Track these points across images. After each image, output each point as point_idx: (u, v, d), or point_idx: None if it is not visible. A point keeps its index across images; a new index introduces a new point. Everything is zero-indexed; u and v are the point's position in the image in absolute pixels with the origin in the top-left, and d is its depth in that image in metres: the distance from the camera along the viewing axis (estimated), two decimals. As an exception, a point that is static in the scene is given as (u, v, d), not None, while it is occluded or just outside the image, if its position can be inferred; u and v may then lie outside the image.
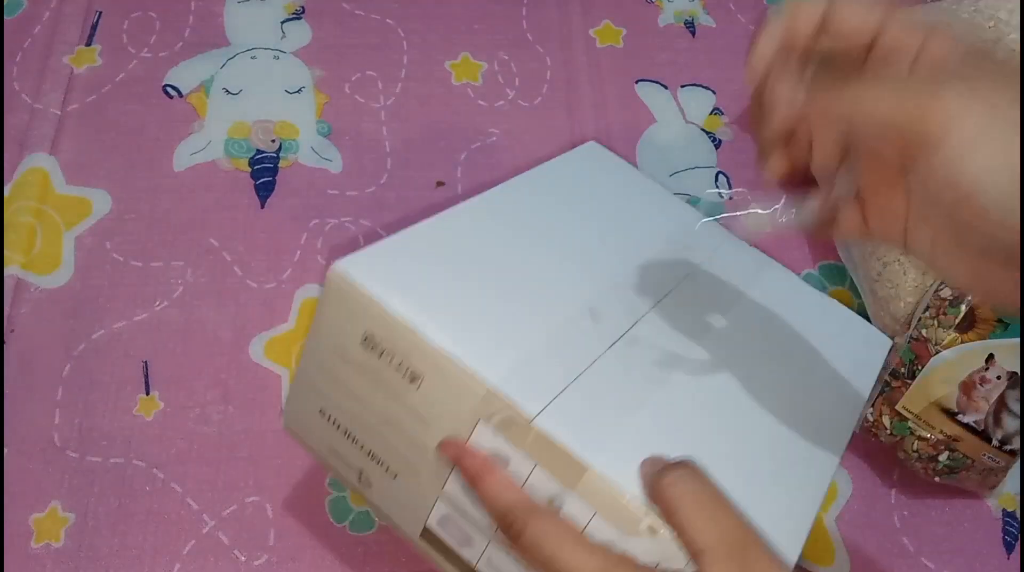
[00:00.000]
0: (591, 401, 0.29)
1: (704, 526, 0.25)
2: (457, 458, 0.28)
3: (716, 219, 0.37)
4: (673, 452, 0.28)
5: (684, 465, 0.27)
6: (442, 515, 0.30)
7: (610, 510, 0.27)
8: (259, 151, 0.49)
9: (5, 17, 0.51)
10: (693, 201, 0.50)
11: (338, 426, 0.31)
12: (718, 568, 0.25)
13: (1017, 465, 0.41)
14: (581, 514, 0.27)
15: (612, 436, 0.28)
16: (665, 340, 0.33)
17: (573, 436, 0.27)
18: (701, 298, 0.37)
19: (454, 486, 0.29)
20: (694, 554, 0.25)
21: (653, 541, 0.26)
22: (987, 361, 0.39)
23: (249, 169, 0.48)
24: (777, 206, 0.29)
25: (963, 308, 0.40)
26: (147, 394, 0.42)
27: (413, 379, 0.29)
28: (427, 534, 0.31)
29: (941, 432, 0.40)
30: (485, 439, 0.28)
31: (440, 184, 0.49)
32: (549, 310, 0.32)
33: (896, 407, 0.40)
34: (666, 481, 0.26)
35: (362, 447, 0.31)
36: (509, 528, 0.27)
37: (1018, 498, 0.44)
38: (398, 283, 0.29)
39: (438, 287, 0.30)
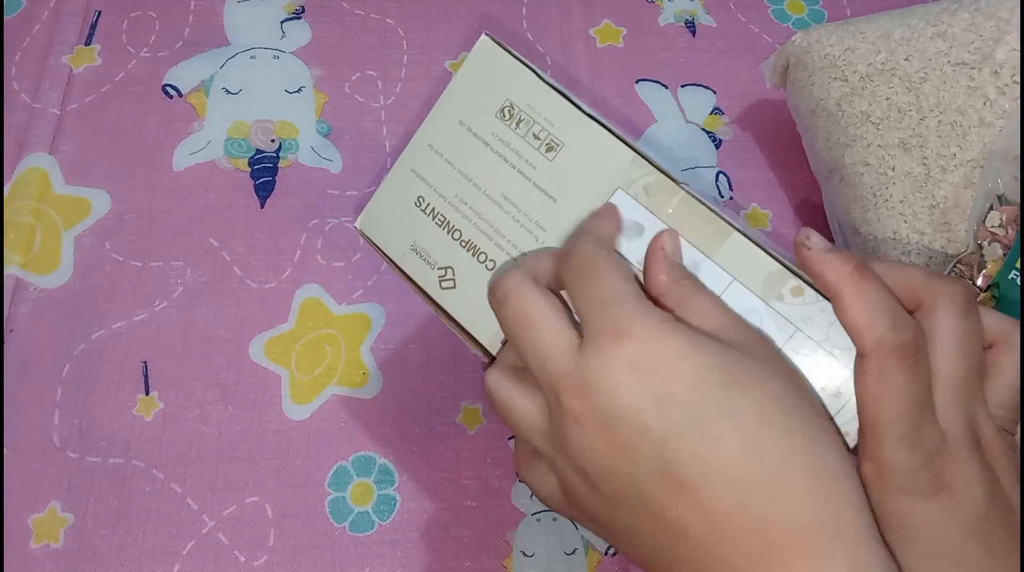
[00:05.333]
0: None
1: (883, 309, 0.24)
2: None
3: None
4: None
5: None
6: None
7: (754, 273, 0.27)
8: (259, 151, 0.48)
9: (4, 16, 0.51)
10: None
11: (435, 215, 0.31)
12: (884, 354, 0.24)
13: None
14: (717, 283, 0.27)
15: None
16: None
17: (715, 205, 0.27)
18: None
19: None
20: (859, 326, 0.24)
21: (795, 305, 0.26)
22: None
23: (249, 169, 0.48)
24: None
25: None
26: (147, 394, 0.42)
27: (550, 149, 0.29)
28: None
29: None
30: (622, 209, 0.28)
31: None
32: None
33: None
34: (845, 254, 0.25)
35: (460, 237, 0.31)
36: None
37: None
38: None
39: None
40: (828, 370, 0.26)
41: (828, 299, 0.26)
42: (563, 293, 0.27)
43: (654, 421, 0.23)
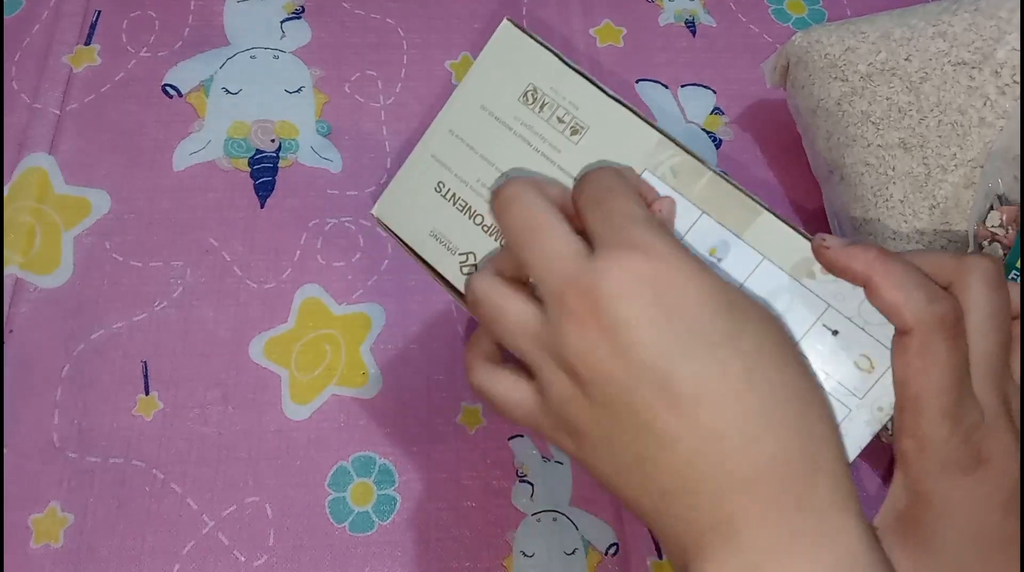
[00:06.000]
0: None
1: (916, 284, 0.24)
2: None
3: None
4: None
5: None
6: None
7: (783, 251, 0.27)
8: (259, 151, 0.48)
9: (4, 16, 0.51)
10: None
11: (456, 201, 0.31)
12: (926, 329, 0.24)
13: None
14: (746, 262, 0.27)
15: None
16: None
17: (743, 185, 0.28)
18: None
19: None
20: (896, 305, 0.24)
21: (826, 282, 0.26)
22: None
23: (249, 169, 0.48)
24: None
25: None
26: (147, 394, 0.42)
27: (574, 132, 0.29)
28: None
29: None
30: None
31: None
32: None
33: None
34: (865, 243, 0.25)
35: (482, 222, 0.31)
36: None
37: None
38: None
39: None
40: (862, 345, 0.26)
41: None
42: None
43: (660, 331, 0.23)
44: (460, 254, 0.31)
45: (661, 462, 0.24)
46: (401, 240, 0.32)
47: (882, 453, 0.43)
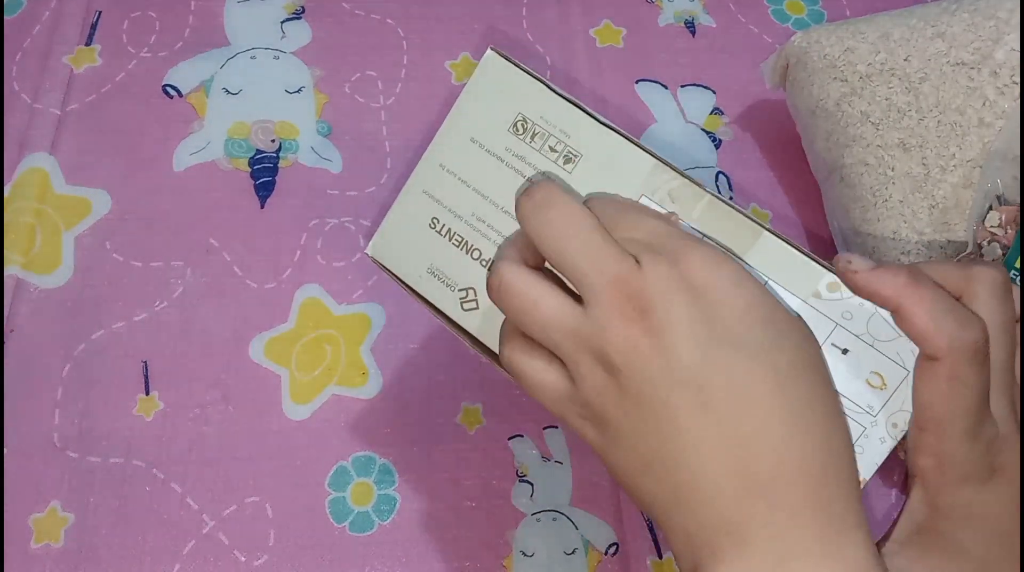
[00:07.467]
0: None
1: (946, 311, 0.24)
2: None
3: None
4: None
5: None
6: None
7: (787, 271, 0.27)
8: (259, 151, 0.48)
9: (4, 17, 0.51)
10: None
11: (451, 236, 0.30)
12: (958, 356, 0.24)
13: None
14: None
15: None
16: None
17: (742, 207, 0.28)
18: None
19: None
20: (928, 333, 0.24)
21: (833, 301, 0.26)
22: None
23: (249, 169, 0.48)
24: None
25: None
26: (147, 394, 0.42)
27: (568, 161, 0.29)
28: None
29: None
30: None
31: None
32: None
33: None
34: (894, 267, 0.25)
35: (480, 257, 0.30)
36: None
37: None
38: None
39: None
40: (872, 362, 0.26)
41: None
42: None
43: (703, 337, 0.24)
44: (460, 290, 0.30)
45: (683, 460, 0.24)
46: (399, 278, 0.32)
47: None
